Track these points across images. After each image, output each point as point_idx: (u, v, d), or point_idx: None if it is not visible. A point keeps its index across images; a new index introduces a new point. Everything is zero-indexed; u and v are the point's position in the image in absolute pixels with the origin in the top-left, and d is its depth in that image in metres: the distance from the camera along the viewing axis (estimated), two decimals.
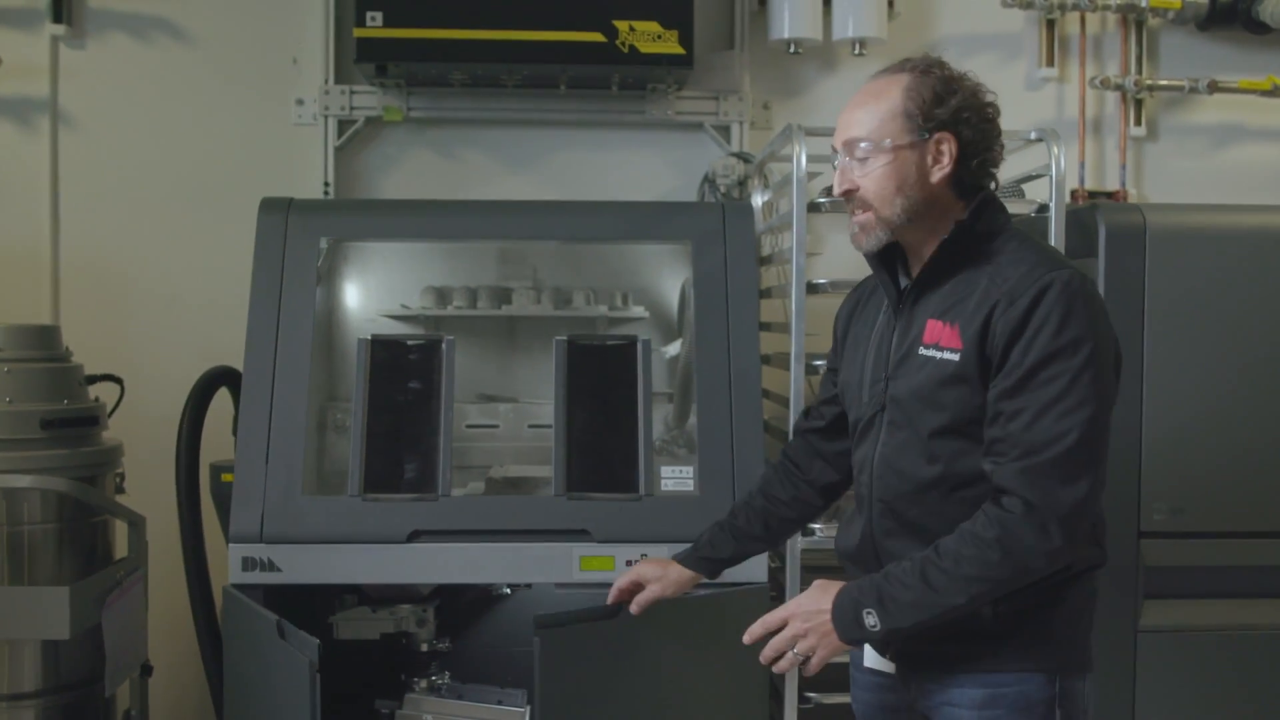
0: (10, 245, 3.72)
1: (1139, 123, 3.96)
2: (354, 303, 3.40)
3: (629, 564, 2.73)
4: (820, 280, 3.06)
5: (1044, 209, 3.03)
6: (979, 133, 1.96)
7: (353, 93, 3.76)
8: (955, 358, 1.89)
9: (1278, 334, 3.06)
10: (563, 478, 2.83)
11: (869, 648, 2.06)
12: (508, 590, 3.13)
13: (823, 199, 3.11)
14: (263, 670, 2.58)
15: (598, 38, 3.47)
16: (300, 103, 3.78)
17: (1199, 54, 3.99)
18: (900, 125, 1.92)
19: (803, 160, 2.97)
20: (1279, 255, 3.07)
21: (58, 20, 3.70)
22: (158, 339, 3.73)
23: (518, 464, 3.28)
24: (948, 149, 1.93)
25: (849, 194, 1.97)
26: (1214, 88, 3.88)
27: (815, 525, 3.00)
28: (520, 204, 3.40)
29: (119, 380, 3.25)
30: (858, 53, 3.73)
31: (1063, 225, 2.97)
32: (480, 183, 3.84)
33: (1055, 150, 2.97)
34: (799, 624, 1.90)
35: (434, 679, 2.98)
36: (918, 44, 3.89)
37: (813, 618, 1.89)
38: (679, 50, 3.49)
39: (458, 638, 3.08)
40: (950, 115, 1.93)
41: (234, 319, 3.02)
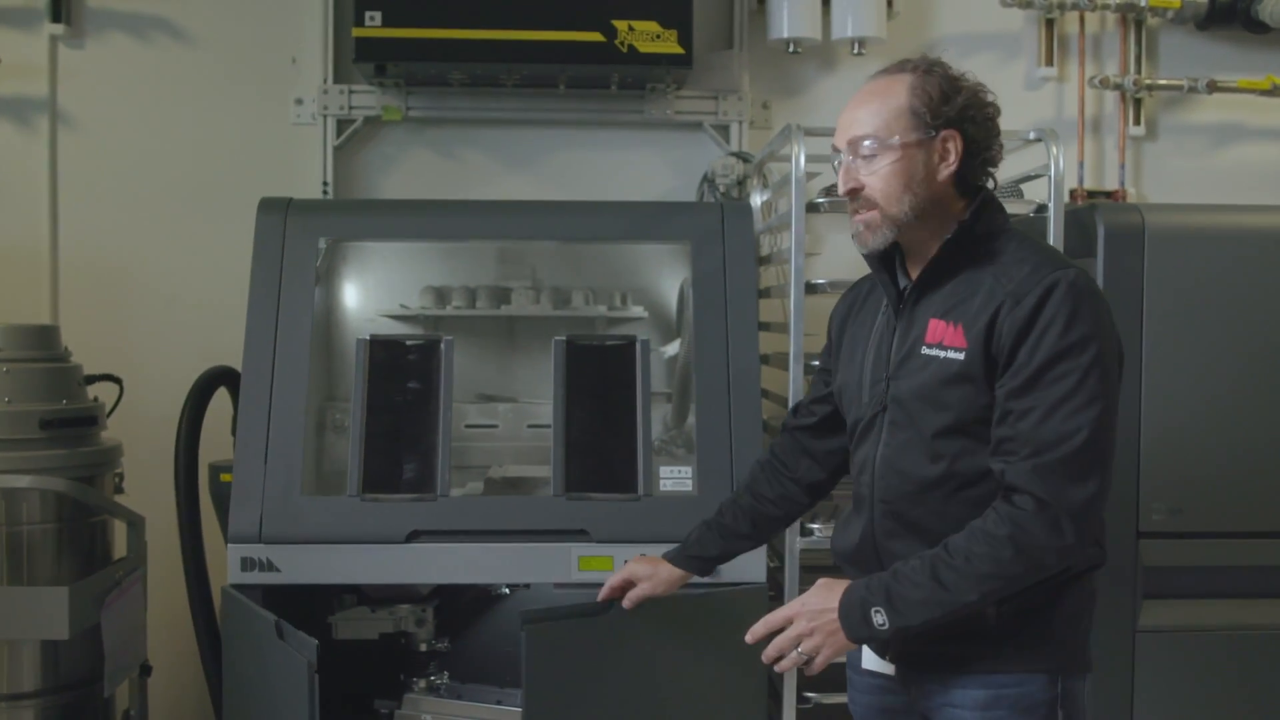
0: (9, 245, 3.71)
1: (1138, 122, 3.96)
2: (353, 302, 3.40)
3: (627, 564, 2.74)
4: (819, 280, 3.06)
5: (1043, 209, 3.03)
6: (983, 131, 1.97)
7: (352, 92, 3.75)
8: (960, 357, 1.89)
9: (1276, 334, 3.06)
10: (561, 478, 2.83)
11: (867, 650, 2.06)
12: (506, 590, 3.13)
13: (821, 199, 3.11)
14: (261, 670, 2.58)
15: (597, 37, 3.47)
16: (299, 102, 3.78)
17: (1198, 53, 3.98)
18: (907, 123, 1.91)
19: (801, 160, 2.97)
20: (1277, 256, 3.07)
21: (57, 20, 3.69)
22: (157, 339, 3.73)
23: (517, 464, 3.28)
24: (954, 147, 1.93)
25: (854, 193, 1.95)
26: (1213, 87, 3.88)
27: (814, 525, 3.00)
28: (519, 204, 3.40)
29: (118, 380, 3.25)
30: (857, 52, 3.73)
31: (1061, 225, 2.97)
32: (479, 182, 3.83)
33: (1054, 150, 2.97)
34: (804, 623, 1.89)
35: (433, 679, 2.99)
36: (917, 43, 3.89)
37: (818, 617, 1.88)
38: (678, 50, 3.49)
39: (457, 638, 3.09)
40: (957, 113, 1.93)
41: (233, 319, 3.02)
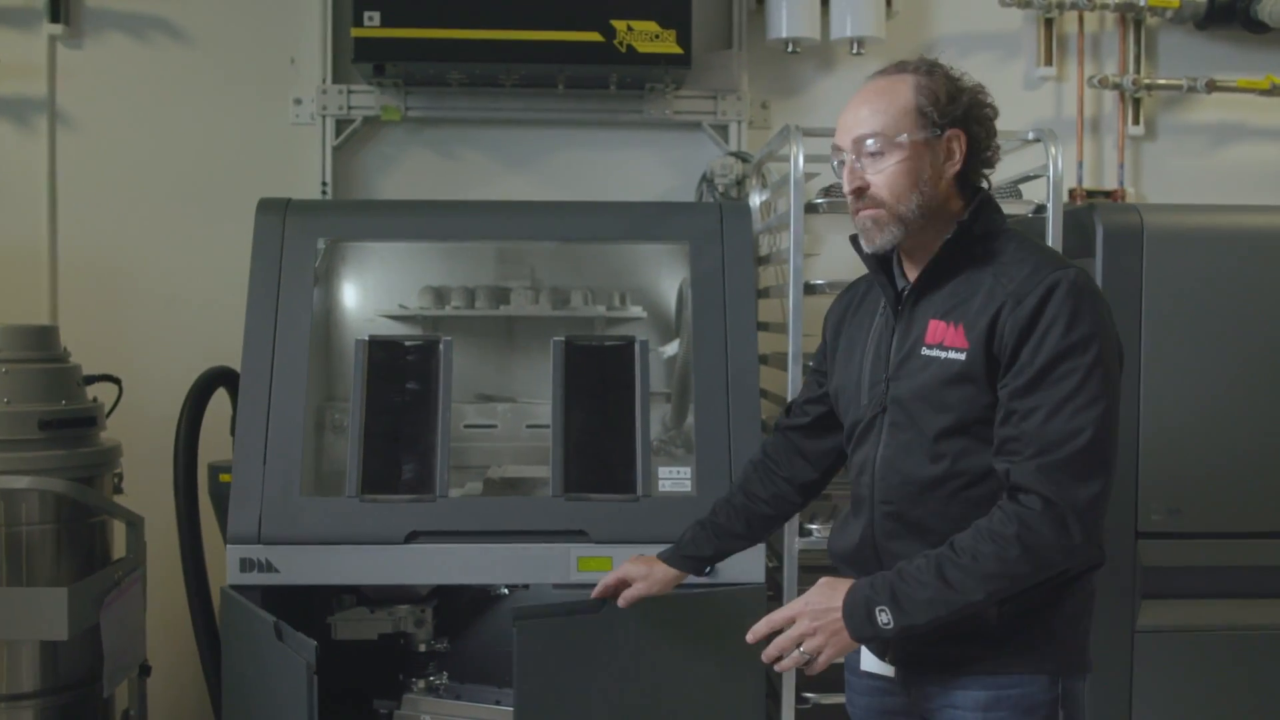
0: (8, 245, 3.71)
1: (1137, 122, 3.96)
2: (352, 303, 3.40)
3: (622, 564, 2.75)
4: (818, 281, 3.06)
5: (1041, 209, 3.03)
6: (984, 131, 1.97)
7: (350, 92, 3.75)
8: (961, 357, 1.89)
9: (1275, 335, 3.06)
10: (560, 478, 2.83)
11: (866, 651, 2.06)
12: (505, 591, 3.13)
13: (820, 199, 3.11)
14: (260, 671, 2.58)
15: (595, 37, 3.47)
16: (298, 102, 3.78)
17: (1197, 53, 3.98)
18: (915, 121, 1.91)
19: (800, 161, 2.97)
20: (1276, 256, 3.07)
21: (55, 20, 3.69)
22: (156, 339, 3.73)
23: (516, 464, 3.29)
24: (958, 146, 1.94)
25: (860, 191, 1.94)
26: (1212, 87, 3.87)
27: (813, 526, 3.00)
28: (518, 204, 3.40)
29: (117, 380, 3.25)
30: (856, 52, 3.72)
31: (1060, 226, 2.96)
32: (478, 182, 3.84)
33: (1053, 151, 2.97)
34: (807, 622, 1.88)
35: (432, 679, 3.00)
36: (916, 43, 3.89)
37: (822, 616, 1.88)
38: (677, 50, 3.48)
39: (456, 638, 3.09)
40: (962, 113, 1.94)
41: (232, 319, 3.02)
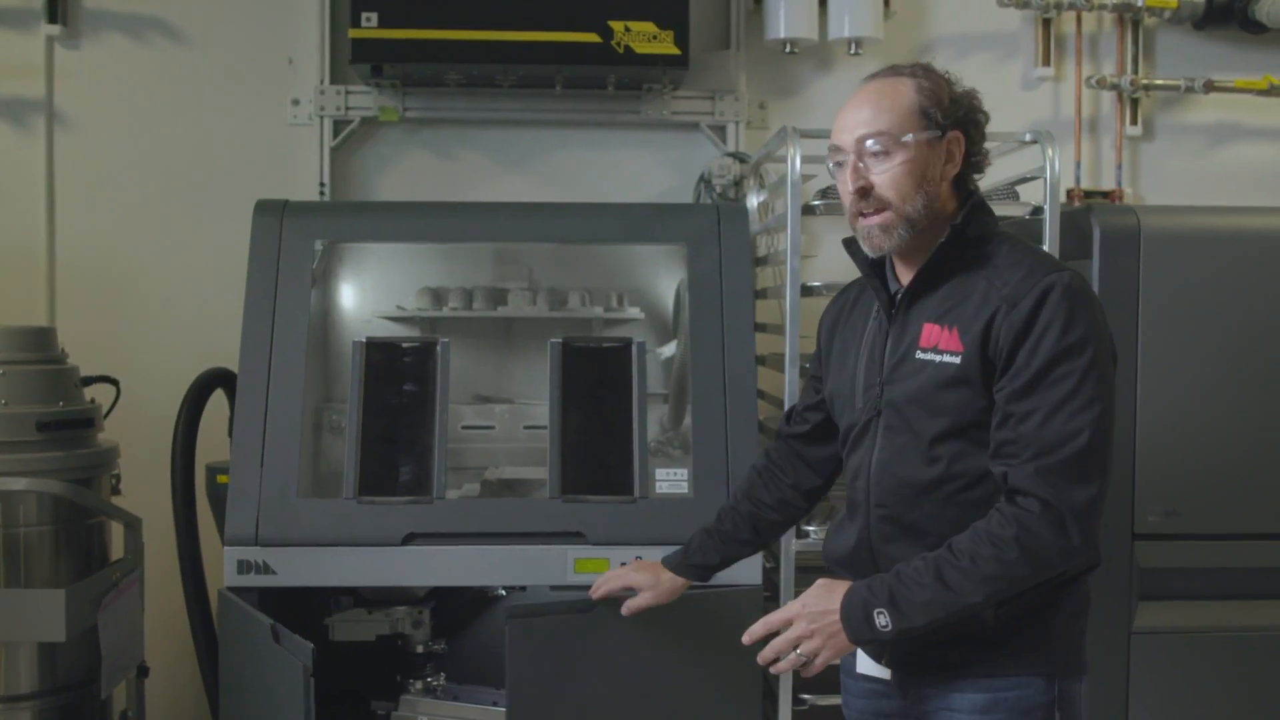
0: (5, 246, 3.71)
1: (1135, 122, 3.96)
2: (349, 304, 3.40)
3: (624, 566, 2.74)
4: (815, 283, 3.06)
5: (1038, 211, 3.03)
6: (979, 134, 1.99)
7: (348, 93, 3.75)
8: (956, 360, 1.89)
9: (1272, 336, 3.06)
10: (557, 480, 2.83)
11: (862, 654, 2.05)
12: (503, 592, 3.13)
13: (817, 201, 3.11)
14: (258, 673, 2.58)
15: (593, 38, 3.46)
16: (296, 103, 3.78)
17: (1195, 53, 3.98)
18: (919, 122, 1.91)
19: (797, 163, 2.96)
20: (1273, 257, 3.07)
21: (53, 20, 3.68)
22: (153, 340, 3.73)
23: (514, 465, 3.29)
24: (957, 149, 1.95)
25: (864, 191, 1.93)
26: (1210, 87, 3.87)
27: (810, 527, 3.00)
28: (516, 205, 3.39)
29: (115, 382, 3.25)
30: (854, 52, 3.73)
31: (1057, 227, 2.96)
32: (476, 183, 3.84)
33: (1050, 152, 2.96)
34: (804, 624, 1.89)
35: (429, 680, 2.99)
36: (914, 43, 3.90)
37: (819, 618, 1.88)
38: (674, 51, 3.48)
39: (453, 639, 3.09)
40: (963, 114, 1.94)
41: (230, 320, 3.01)
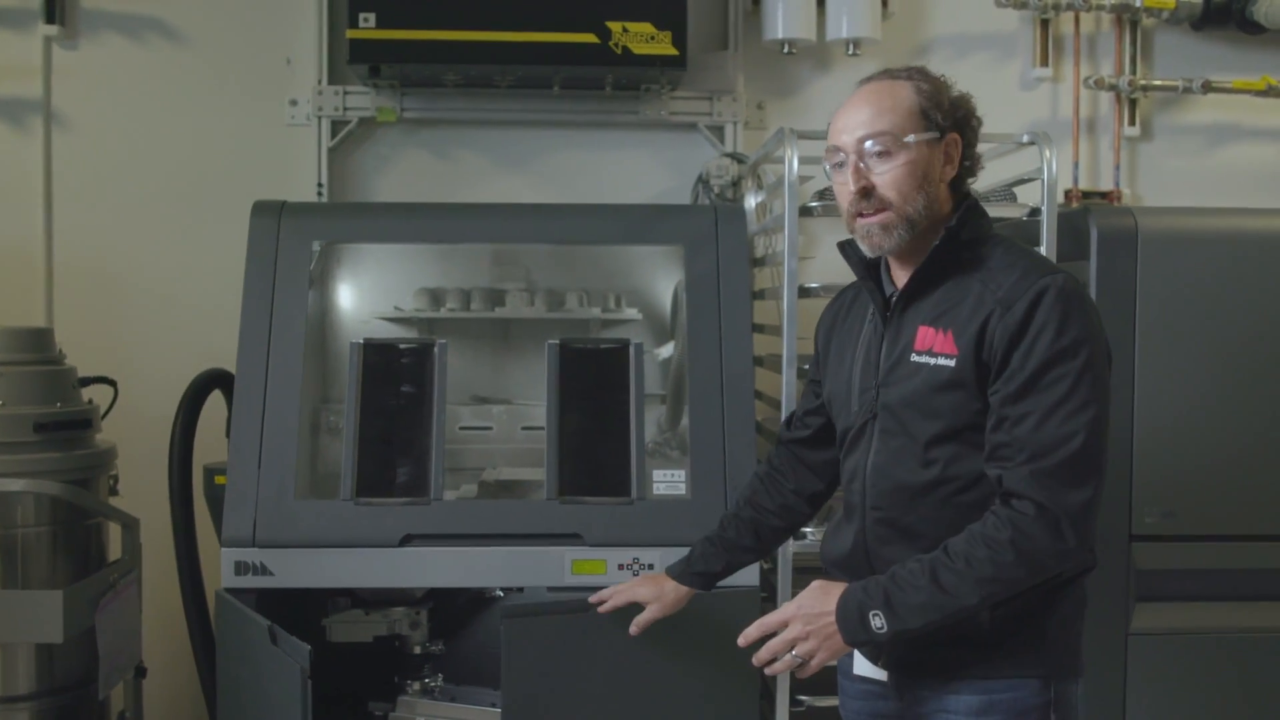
0: (3, 247, 3.71)
1: (1133, 123, 3.96)
2: (347, 305, 3.40)
3: (620, 568, 2.75)
4: (812, 284, 3.06)
5: (1036, 212, 3.02)
6: (974, 138, 1.99)
7: (346, 93, 3.75)
8: (951, 363, 1.89)
9: (1269, 337, 3.06)
10: (555, 481, 2.83)
11: (859, 655, 2.06)
12: (500, 593, 3.13)
13: (815, 203, 3.11)
14: (255, 674, 2.59)
15: (591, 39, 3.46)
16: (294, 103, 3.78)
17: (1193, 54, 3.98)
18: (920, 123, 1.92)
19: (795, 164, 2.95)
20: (1270, 258, 3.07)
21: (50, 21, 3.68)
22: (151, 341, 3.73)
23: (511, 466, 3.29)
24: (955, 151, 1.95)
25: (866, 191, 1.93)
26: (1208, 88, 3.87)
27: (807, 529, 3.00)
28: (514, 206, 3.40)
29: (112, 382, 3.25)
30: (851, 53, 3.73)
31: (1054, 228, 2.96)
32: (474, 183, 3.83)
33: (1047, 153, 2.96)
34: (800, 626, 1.89)
35: (427, 681, 3.00)
36: (912, 44, 3.90)
37: (815, 620, 1.89)
38: (672, 51, 3.48)
39: (451, 640, 3.09)
40: (961, 116, 1.95)
41: (228, 321, 3.02)
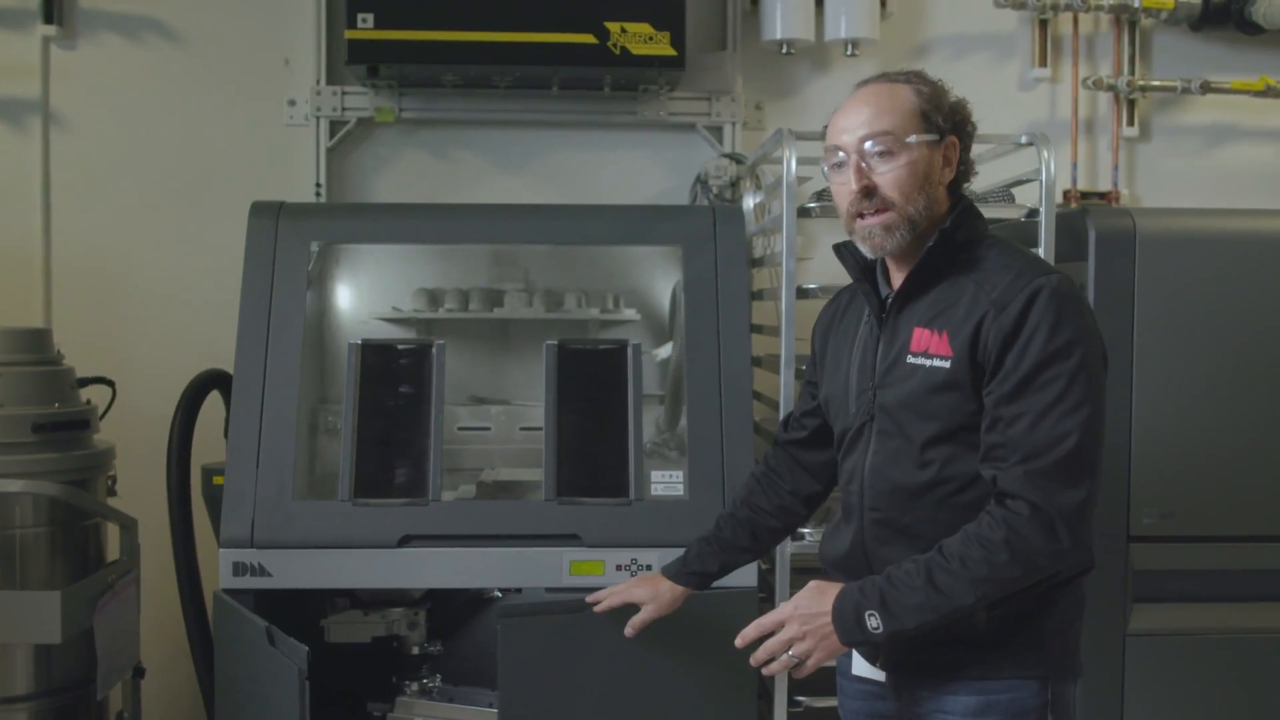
0: (1, 247, 3.71)
1: (1132, 123, 3.96)
2: (345, 305, 3.40)
3: (619, 569, 2.75)
4: (811, 285, 3.06)
5: (1034, 213, 3.02)
6: (971, 141, 2.00)
7: (344, 94, 3.75)
8: (946, 365, 1.90)
9: (1267, 338, 3.06)
10: (553, 482, 2.83)
11: (858, 656, 2.07)
12: (499, 594, 3.13)
13: (813, 204, 3.11)
14: (253, 675, 2.59)
15: (589, 39, 3.46)
16: (292, 103, 3.78)
17: (1192, 54, 3.98)
18: (920, 124, 1.93)
19: (793, 165, 2.95)
20: (1268, 259, 3.08)
21: (49, 21, 3.68)
22: (149, 341, 3.73)
23: (510, 466, 3.29)
24: (953, 153, 1.96)
25: (868, 191, 1.93)
26: (1207, 88, 3.87)
27: (805, 530, 3.01)
28: (512, 207, 3.39)
29: (111, 383, 3.25)
30: (850, 53, 3.73)
31: (1053, 229, 2.96)
32: (472, 183, 3.83)
33: (1045, 154, 2.96)
34: (796, 626, 1.90)
35: (425, 682, 3.00)
36: (910, 44, 3.90)
37: (811, 620, 1.89)
38: (671, 52, 3.48)
39: (449, 641, 3.09)
40: (959, 120, 1.96)
41: (226, 321, 3.02)
